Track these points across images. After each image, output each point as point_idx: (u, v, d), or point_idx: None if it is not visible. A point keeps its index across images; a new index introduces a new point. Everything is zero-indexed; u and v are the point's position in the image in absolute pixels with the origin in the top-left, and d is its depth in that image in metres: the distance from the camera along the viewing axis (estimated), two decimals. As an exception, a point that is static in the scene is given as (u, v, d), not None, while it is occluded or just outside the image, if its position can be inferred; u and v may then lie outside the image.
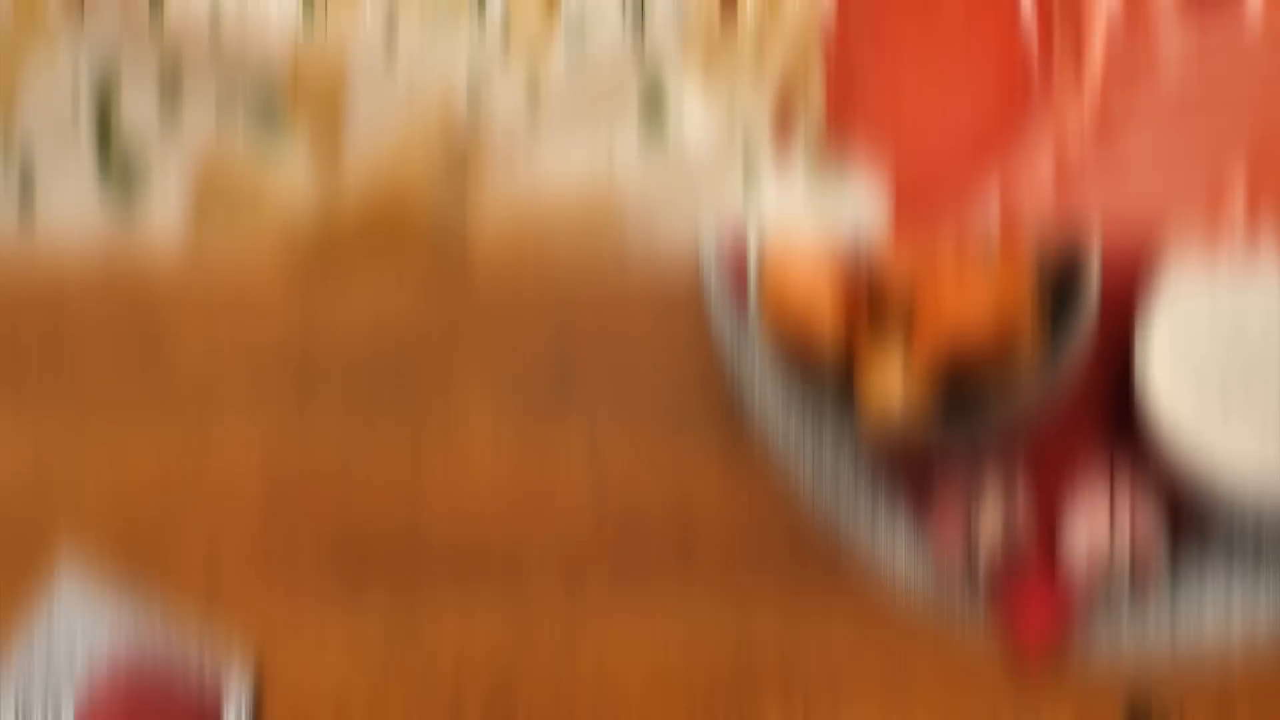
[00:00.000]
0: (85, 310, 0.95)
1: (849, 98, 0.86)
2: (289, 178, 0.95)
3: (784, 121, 0.88)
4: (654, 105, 0.92)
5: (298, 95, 0.95)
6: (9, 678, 0.93)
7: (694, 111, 0.93)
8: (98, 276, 0.95)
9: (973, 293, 0.82)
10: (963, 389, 0.87)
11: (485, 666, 0.92)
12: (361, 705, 0.94)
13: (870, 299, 0.86)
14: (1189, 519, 0.94)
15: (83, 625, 0.93)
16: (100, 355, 0.95)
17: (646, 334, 0.94)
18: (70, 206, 0.95)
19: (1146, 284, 0.93)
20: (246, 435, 0.94)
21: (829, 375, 0.88)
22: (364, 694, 0.94)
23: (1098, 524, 0.91)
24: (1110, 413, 0.94)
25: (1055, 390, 0.86)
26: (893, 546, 0.95)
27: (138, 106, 0.95)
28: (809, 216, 0.87)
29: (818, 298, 0.83)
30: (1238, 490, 0.88)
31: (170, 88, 0.96)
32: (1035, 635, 0.94)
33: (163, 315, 0.95)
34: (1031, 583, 0.94)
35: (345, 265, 0.91)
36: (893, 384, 0.85)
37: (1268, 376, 0.86)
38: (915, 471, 0.94)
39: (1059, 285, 0.88)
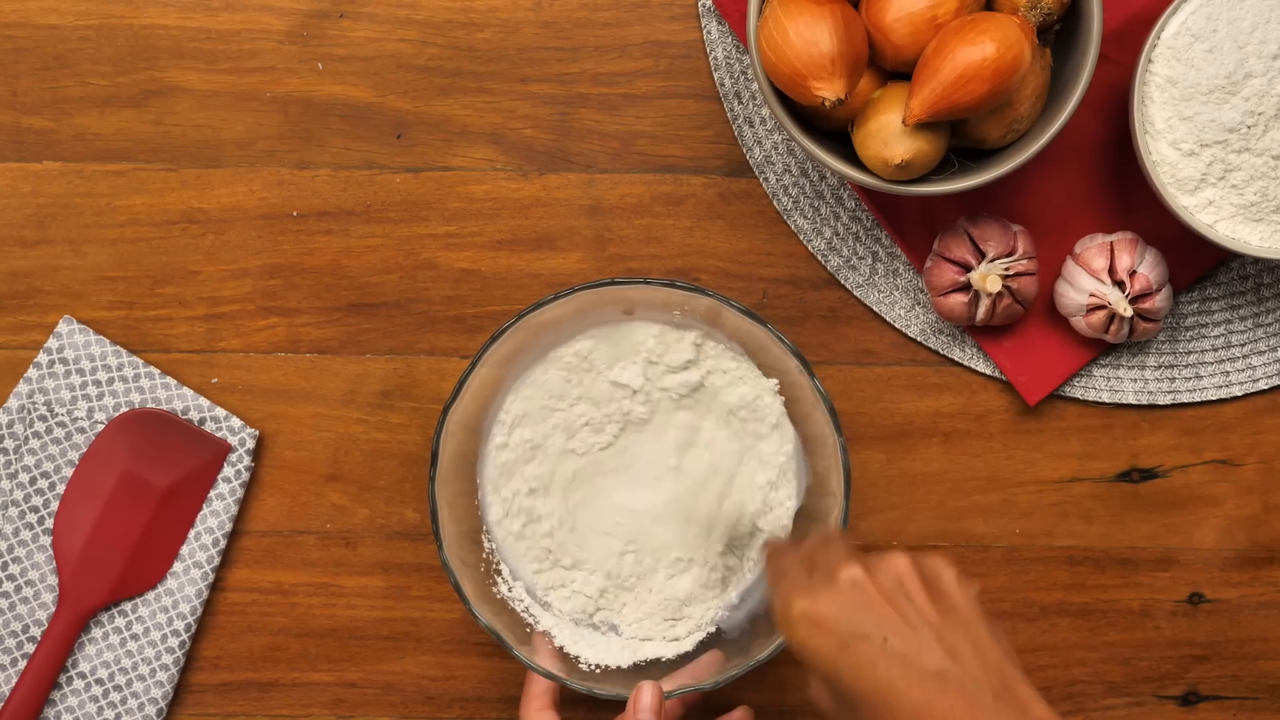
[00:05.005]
0: (84, 59, 0.94)
1: None
2: None
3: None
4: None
5: None
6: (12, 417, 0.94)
7: None
8: (95, 25, 0.95)
9: (974, 38, 0.81)
10: (963, 135, 0.87)
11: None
12: (359, 454, 0.95)
13: (872, 43, 0.84)
14: (1188, 269, 0.94)
15: (86, 376, 0.94)
16: (99, 106, 0.94)
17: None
18: None
19: (1146, 28, 0.91)
20: (246, 185, 0.94)
21: (828, 120, 0.87)
22: (361, 444, 0.95)
23: (1098, 274, 0.91)
24: (1110, 161, 0.94)
25: (1055, 137, 0.85)
26: (893, 296, 0.95)
27: None
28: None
29: (818, 40, 0.81)
30: (1236, 239, 0.88)
31: None
32: (1034, 384, 0.94)
33: (161, 63, 0.95)
34: (1031, 332, 0.94)
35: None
36: (893, 130, 0.84)
37: (1265, 124, 0.86)
38: (915, 221, 0.94)
39: (1060, 30, 0.87)
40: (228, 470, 0.95)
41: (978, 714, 0.69)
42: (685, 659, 0.91)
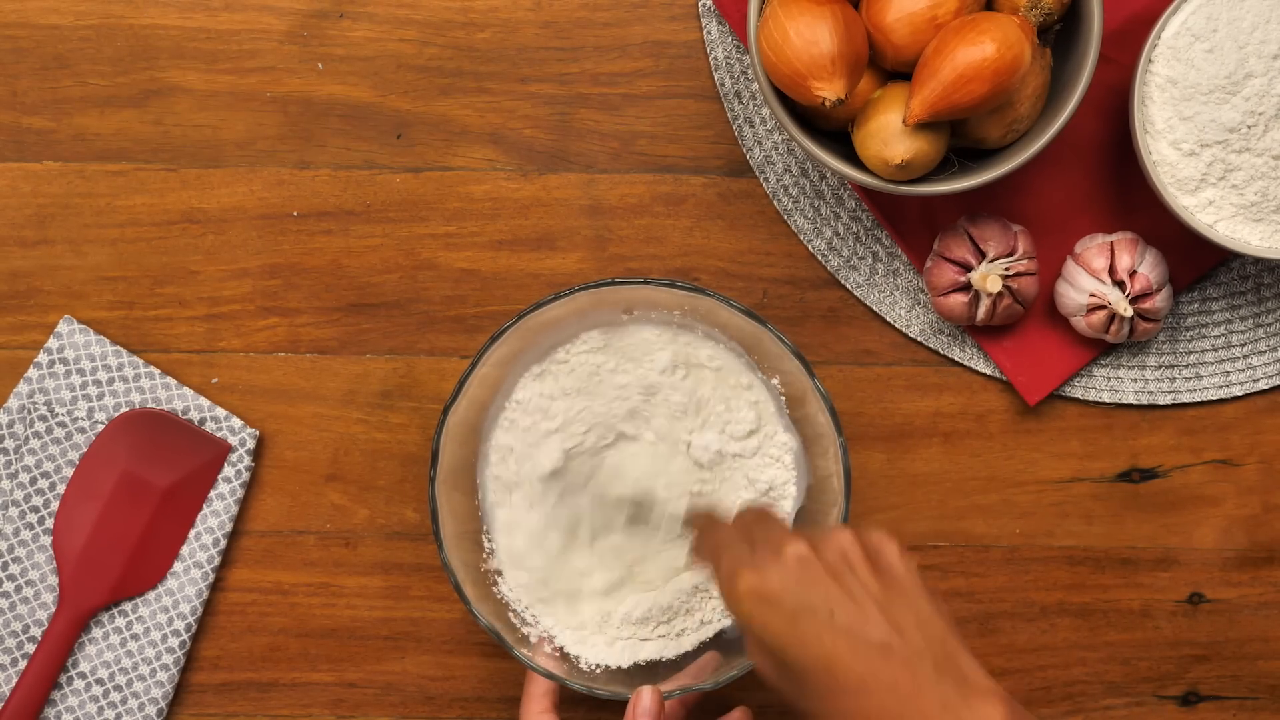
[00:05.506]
0: (84, 59, 0.94)
1: None
2: None
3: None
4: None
5: None
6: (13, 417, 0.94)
7: None
8: (95, 25, 0.95)
9: (974, 38, 0.81)
10: (963, 135, 0.87)
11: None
12: (359, 454, 0.95)
13: (872, 43, 0.84)
14: (1188, 269, 0.94)
15: (86, 376, 0.94)
16: (99, 106, 0.94)
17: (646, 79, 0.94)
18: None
19: (1146, 28, 0.92)
20: (246, 185, 0.94)
21: (828, 120, 0.87)
22: (361, 444, 0.95)
23: (1098, 274, 0.91)
24: (1110, 161, 0.94)
25: (1055, 137, 0.85)
26: (893, 296, 0.95)
27: None
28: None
29: (818, 40, 0.81)
30: (1236, 239, 0.88)
31: None
32: (1034, 384, 0.94)
33: (161, 63, 0.94)
34: (1031, 332, 0.94)
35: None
36: (893, 130, 0.84)
37: (1265, 124, 0.86)
38: (915, 221, 0.94)
39: (1060, 30, 0.87)
40: (228, 470, 0.95)
41: (920, 684, 0.69)
42: (686, 659, 0.91)
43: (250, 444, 0.95)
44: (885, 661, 0.70)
